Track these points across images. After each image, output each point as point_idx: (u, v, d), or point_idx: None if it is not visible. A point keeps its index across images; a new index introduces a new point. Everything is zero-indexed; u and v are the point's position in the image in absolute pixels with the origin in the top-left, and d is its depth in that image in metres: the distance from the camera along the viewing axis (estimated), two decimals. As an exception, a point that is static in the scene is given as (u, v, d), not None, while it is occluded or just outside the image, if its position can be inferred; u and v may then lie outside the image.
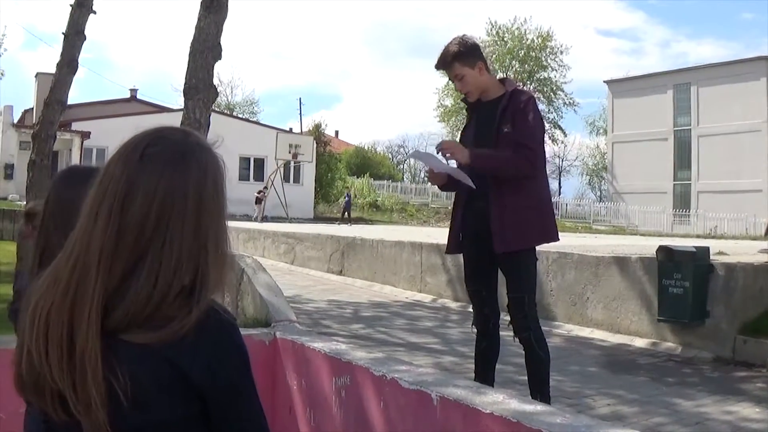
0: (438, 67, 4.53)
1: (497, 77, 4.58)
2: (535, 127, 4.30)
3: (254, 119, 57.72)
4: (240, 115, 58.34)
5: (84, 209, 1.39)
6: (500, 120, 4.26)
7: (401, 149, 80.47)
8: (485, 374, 4.38)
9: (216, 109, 33.15)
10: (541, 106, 47.69)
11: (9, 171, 35.38)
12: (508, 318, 4.36)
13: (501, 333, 4.52)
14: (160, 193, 1.36)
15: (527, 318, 4.23)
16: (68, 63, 11.37)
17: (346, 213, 38.32)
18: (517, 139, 4.20)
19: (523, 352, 4.32)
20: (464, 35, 4.49)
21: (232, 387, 1.42)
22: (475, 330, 4.54)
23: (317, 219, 38.57)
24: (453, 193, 4.71)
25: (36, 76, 37.28)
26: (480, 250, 4.35)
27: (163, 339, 1.32)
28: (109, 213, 1.34)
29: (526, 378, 4.34)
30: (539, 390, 4.15)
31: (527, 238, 4.28)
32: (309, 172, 41.98)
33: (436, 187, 4.88)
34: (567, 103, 59.49)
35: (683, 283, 7.37)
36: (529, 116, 4.27)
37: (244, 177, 39.33)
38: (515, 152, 4.19)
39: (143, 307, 1.32)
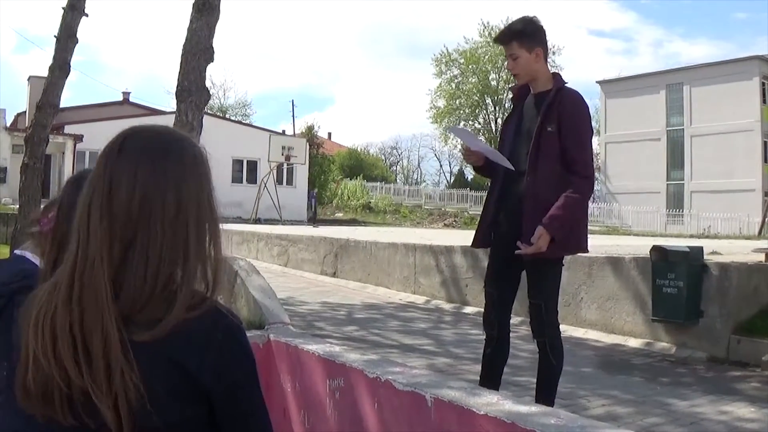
0: (497, 41, 4.52)
1: (551, 71, 4.48)
2: (585, 135, 4.23)
3: (247, 122, 57.55)
4: (232, 118, 58.23)
5: (78, 208, 1.43)
6: (544, 117, 4.13)
7: (394, 151, 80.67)
8: (489, 380, 4.21)
9: (208, 111, 33.18)
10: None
11: (2, 174, 35.13)
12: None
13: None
14: (140, 179, 1.40)
15: (543, 324, 4.15)
16: (60, 66, 11.35)
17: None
18: (568, 154, 4.08)
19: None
20: (534, 17, 4.40)
21: (239, 388, 1.44)
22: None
23: (311, 221, 38.49)
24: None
25: (28, 80, 37.21)
26: (507, 251, 4.17)
27: (161, 334, 1.33)
28: (100, 205, 1.39)
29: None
30: (544, 396, 4.07)
31: (559, 246, 4.11)
32: (302, 174, 41.94)
33: (471, 168, 4.69)
34: (560, 103, 59.45)
35: (677, 283, 7.37)
36: (579, 123, 4.18)
37: (237, 179, 39.26)
38: (569, 171, 4.07)
39: (140, 292, 1.35)
